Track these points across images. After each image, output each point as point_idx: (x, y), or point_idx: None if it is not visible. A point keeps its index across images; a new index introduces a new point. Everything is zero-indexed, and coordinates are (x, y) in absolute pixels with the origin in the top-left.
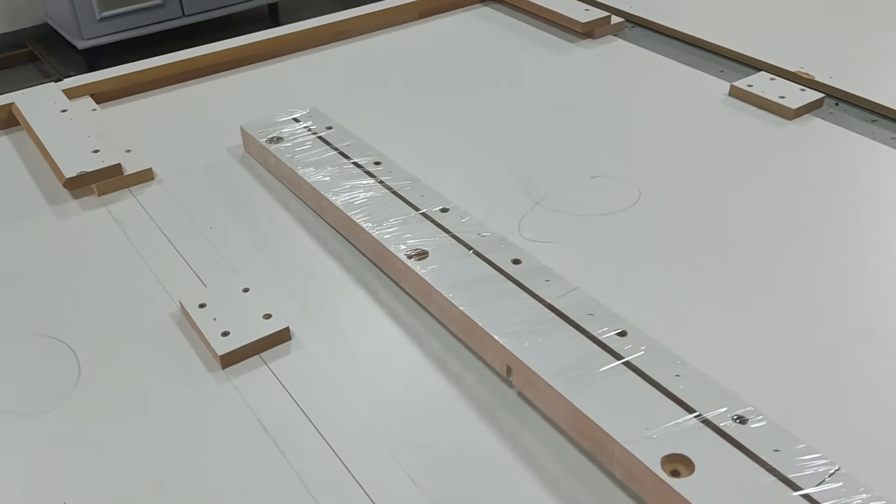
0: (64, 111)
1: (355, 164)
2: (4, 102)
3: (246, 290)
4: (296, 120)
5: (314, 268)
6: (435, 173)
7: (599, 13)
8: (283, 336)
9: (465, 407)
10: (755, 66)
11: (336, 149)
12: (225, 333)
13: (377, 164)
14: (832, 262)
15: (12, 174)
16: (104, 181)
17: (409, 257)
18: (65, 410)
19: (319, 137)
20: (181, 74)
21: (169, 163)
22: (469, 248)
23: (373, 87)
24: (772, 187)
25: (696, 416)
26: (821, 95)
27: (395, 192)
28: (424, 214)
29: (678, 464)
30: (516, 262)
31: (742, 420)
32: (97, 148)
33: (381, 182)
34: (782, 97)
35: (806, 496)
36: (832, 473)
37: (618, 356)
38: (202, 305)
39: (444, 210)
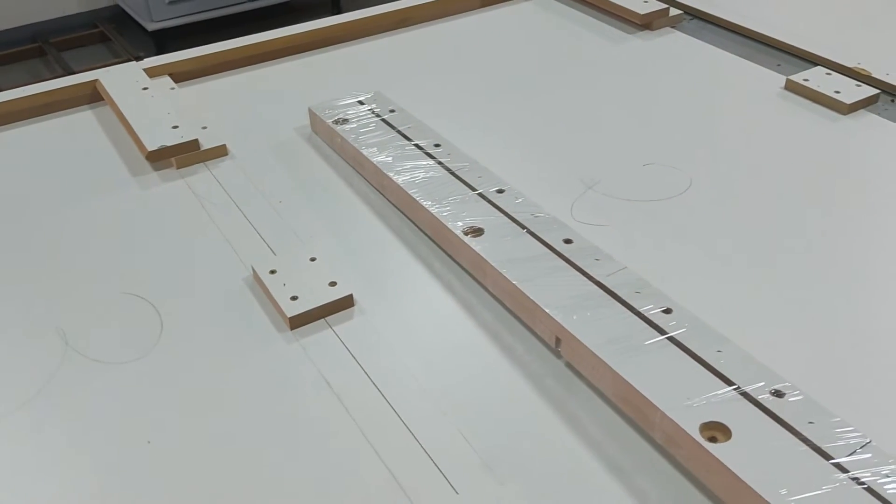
0: (145, 89)
1: (416, 145)
2: (89, 79)
3: (313, 260)
4: (360, 103)
5: (375, 241)
6: (492, 157)
7: (658, 5)
8: (346, 302)
9: (515, 374)
10: (813, 60)
11: (398, 131)
12: (294, 298)
13: (437, 146)
14: (879, 254)
15: (98, 146)
16: (183, 155)
17: (466, 234)
18: (148, 362)
19: (383, 120)
20: (253, 57)
21: (241, 140)
22: (523, 227)
23: (433, 73)
24: (823, 180)
25: (734, 389)
26: (876, 91)
27: (453, 173)
28: (481, 195)
29: (716, 431)
30: (568, 241)
31: (779, 394)
32: (176, 124)
33: (440, 163)
34: (837, 92)
35: (837, 465)
36: (863, 445)
37: (662, 331)
38: (273, 272)
39: (500, 191)
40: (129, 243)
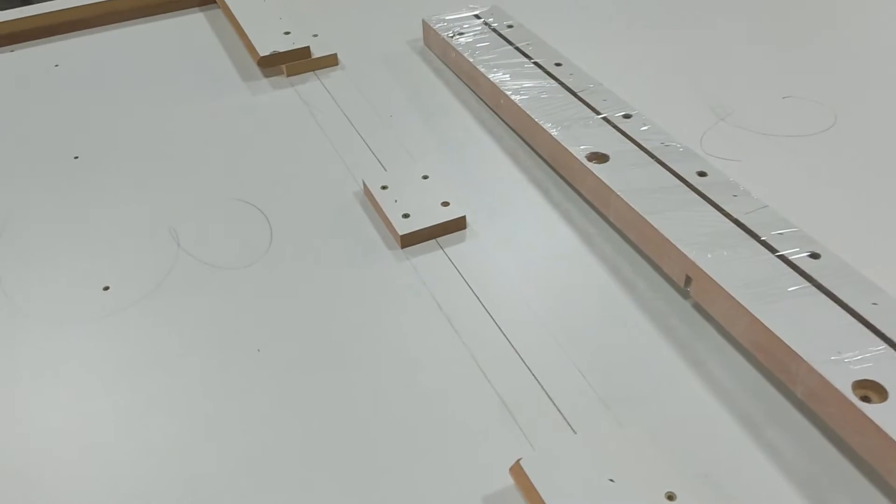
0: None
1: (536, 63)
2: None
3: (425, 178)
4: (477, 16)
5: (489, 163)
6: (615, 79)
7: None
8: (459, 224)
9: (636, 311)
10: None
11: (516, 47)
12: (405, 216)
13: (558, 65)
14: None
15: (209, 50)
16: (293, 63)
17: (589, 160)
18: (258, 269)
19: (500, 35)
20: None
21: (352, 50)
22: (651, 155)
23: None
24: None
25: (893, 346)
26: None
27: (575, 94)
28: (605, 119)
29: (869, 390)
30: (702, 174)
31: None
32: (288, 30)
33: (561, 83)
34: None
35: None
36: None
37: (809, 278)
38: (384, 187)
39: (627, 116)
40: (239, 149)
